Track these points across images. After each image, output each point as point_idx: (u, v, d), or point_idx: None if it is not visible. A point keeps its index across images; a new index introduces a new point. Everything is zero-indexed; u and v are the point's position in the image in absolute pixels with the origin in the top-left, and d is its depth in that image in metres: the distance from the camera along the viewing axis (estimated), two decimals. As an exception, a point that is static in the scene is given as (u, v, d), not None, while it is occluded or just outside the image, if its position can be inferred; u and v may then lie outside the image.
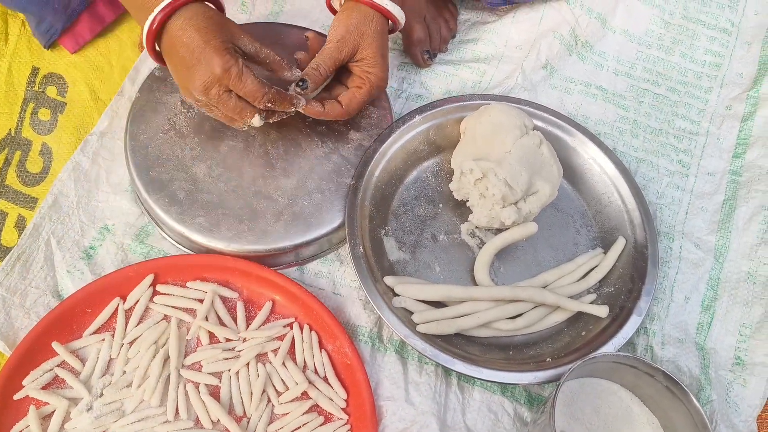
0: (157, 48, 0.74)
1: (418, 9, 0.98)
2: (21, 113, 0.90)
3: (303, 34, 0.94)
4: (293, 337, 0.77)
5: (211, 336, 0.77)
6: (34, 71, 0.93)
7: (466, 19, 1.07)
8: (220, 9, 0.76)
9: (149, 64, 0.94)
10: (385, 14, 0.80)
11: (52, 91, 0.92)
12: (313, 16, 1.03)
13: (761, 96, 0.98)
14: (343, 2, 0.81)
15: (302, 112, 0.78)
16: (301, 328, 0.77)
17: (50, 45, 0.93)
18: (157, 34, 0.71)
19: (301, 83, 0.77)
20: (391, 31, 0.84)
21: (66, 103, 0.92)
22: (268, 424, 0.72)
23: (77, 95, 0.92)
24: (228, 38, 0.71)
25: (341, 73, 0.83)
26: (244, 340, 0.76)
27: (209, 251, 0.79)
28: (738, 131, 0.97)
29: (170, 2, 0.69)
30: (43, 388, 0.72)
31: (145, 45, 0.73)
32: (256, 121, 0.75)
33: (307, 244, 0.80)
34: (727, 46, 1.05)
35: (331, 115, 0.80)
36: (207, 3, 0.73)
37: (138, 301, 0.77)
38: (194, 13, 0.70)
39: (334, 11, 0.84)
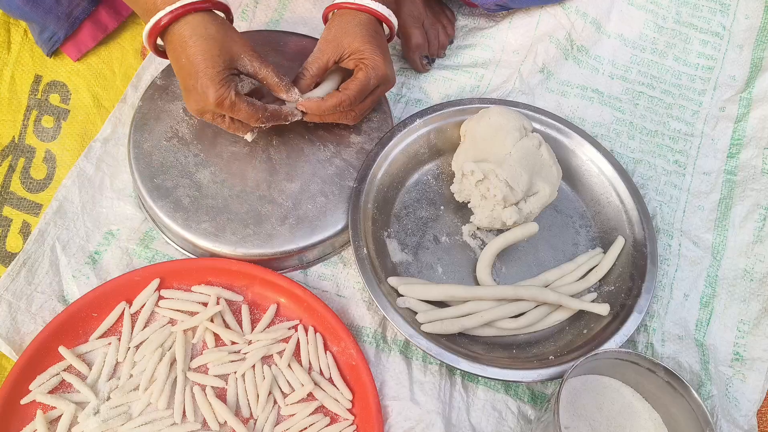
0: (159, 42, 0.75)
1: (417, 15, 0.99)
2: (24, 121, 0.91)
3: (303, 42, 0.96)
4: (298, 339, 0.78)
5: (217, 339, 0.77)
6: (37, 79, 0.94)
7: (463, 25, 1.09)
8: (229, 16, 0.77)
9: (151, 71, 0.95)
10: (369, 12, 0.80)
11: (55, 99, 0.93)
12: (313, 23, 1.04)
13: (754, 98, 1.00)
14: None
15: (303, 110, 0.79)
16: (306, 331, 0.78)
17: (53, 53, 0.94)
18: (160, 33, 0.72)
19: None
20: (390, 37, 0.85)
21: (69, 110, 0.92)
22: (275, 426, 0.73)
23: (80, 102, 0.93)
24: (226, 63, 0.72)
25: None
26: (250, 342, 0.77)
27: (215, 256, 0.80)
28: (732, 132, 0.98)
29: (178, 7, 0.70)
30: (50, 392, 0.72)
31: (146, 41, 0.73)
32: (248, 136, 0.79)
33: (312, 246, 0.81)
34: (719, 50, 1.07)
35: (329, 103, 0.78)
36: (215, 12, 0.74)
37: (144, 305, 0.78)
38: (199, 24, 0.71)
39: None
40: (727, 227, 0.90)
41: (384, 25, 0.83)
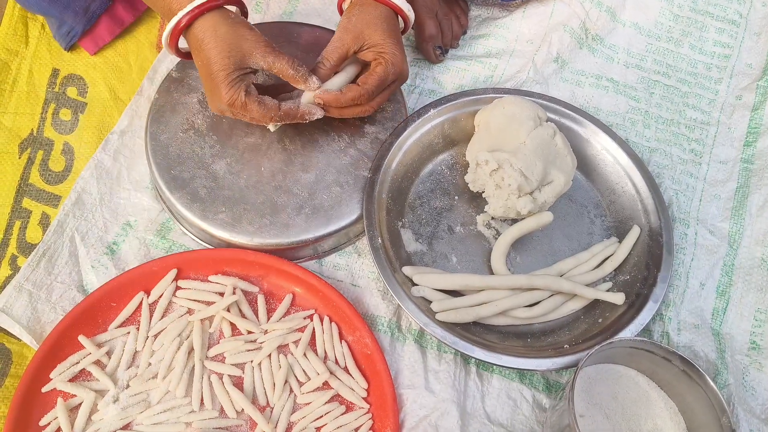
0: (181, 46, 0.77)
1: (430, 5, 0.99)
2: (42, 114, 0.92)
3: (316, 32, 0.96)
4: (314, 329, 0.78)
5: (233, 328, 0.78)
6: (55, 73, 0.95)
7: (476, 15, 1.08)
8: (243, 9, 0.79)
9: (167, 64, 0.96)
10: (387, 4, 0.80)
11: (72, 92, 0.94)
12: (326, 15, 1.04)
13: (771, 85, 0.99)
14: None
15: (320, 103, 0.78)
16: (322, 320, 0.79)
17: (70, 47, 0.95)
18: (182, 34, 0.74)
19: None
20: (404, 30, 0.86)
21: (86, 103, 0.93)
22: (291, 413, 0.74)
23: (97, 95, 0.94)
24: (237, 64, 0.73)
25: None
26: (266, 332, 0.77)
27: (231, 246, 0.81)
28: (749, 120, 0.97)
29: (193, 8, 0.71)
30: (71, 380, 0.73)
31: (167, 45, 0.75)
32: (271, 127, 0.81)
33: (327, 236, 0.81)
34: (735, 38, 1.06)
35: (348, 96, 0.77)
36: (228, 9, 0.75)
37: (162, 295, 0.79)
38: (211, 25, 0.72)
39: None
40: (743, 216, 0.89)
41: (399, 17, 0.83)
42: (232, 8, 0.76)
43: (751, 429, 0.75)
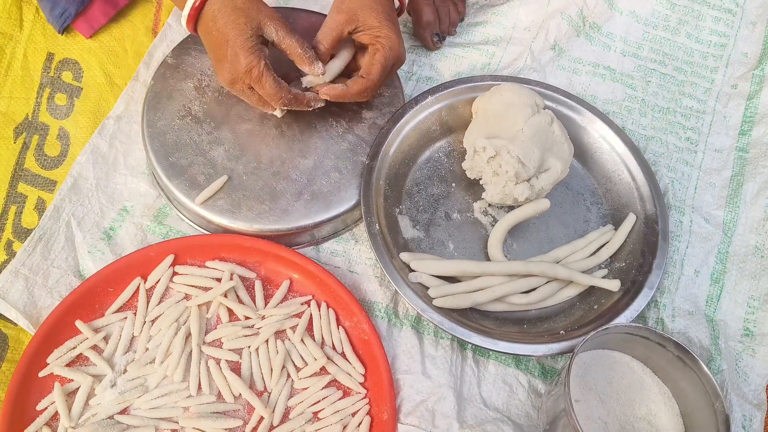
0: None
1: (428, -8, 0.99)
2: (37, 98, 0.91)
3: (312, 18, 0.95)
4: (311, 315, 0.78)
5: (231, 314, 0.78)
6: (50, 57, 0.94)
7: (474, 2, 1.08)
8: None
9: (162, 49, 0.96)
10: None
11: (67, 76, 0.93)
12: (323, 1, 1.04)
13: (766, 75, 0.99)
14: None
15: (327, 98, 0.80)
16: (319, 306, 0.79)
17: (64, 30, 0.94)
18: (197, 15, 0.75)
19: None
20: (399, 12, 0.85)
21: (82, 88, 0.93)
22: (288, 398, 0.74)
23: (93, 80, 0.93)
24: (254, 31, 0.74)
25: (359, 56, 0.84)
26: (263, 317, 0.78)
27: (230, 232, 0.81)
28: (744, 109, 0.98)
29: None
30: (68, 365, 0.73)
31: (187, 26, 0.76)
32: (278, 112, 0.81)
33: (327, 222, 0.81)
34: (732, 27, 1.06)
35: (354, 90, 0.79)
36: None
37: (159, 280, 0.79)
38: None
39: None
40: (738, 204, 0.90)
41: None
42: None
43: (743, 414, 0.76)
